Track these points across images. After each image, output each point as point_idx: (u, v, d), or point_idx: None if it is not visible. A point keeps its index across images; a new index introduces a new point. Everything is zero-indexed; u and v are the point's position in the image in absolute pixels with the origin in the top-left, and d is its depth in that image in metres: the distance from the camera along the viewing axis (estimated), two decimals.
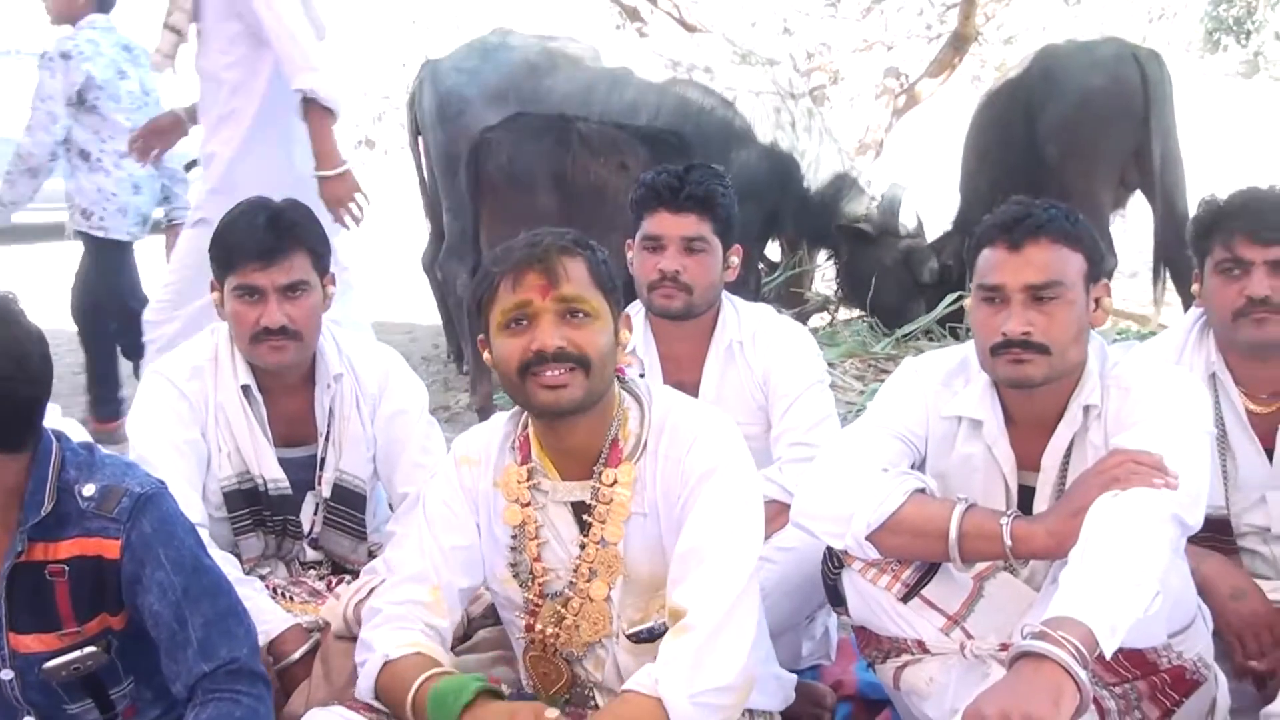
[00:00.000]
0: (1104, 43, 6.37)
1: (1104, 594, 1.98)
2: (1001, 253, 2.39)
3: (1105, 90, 6.00)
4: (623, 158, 5.42)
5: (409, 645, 2.27)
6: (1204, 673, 2.40)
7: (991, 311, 2.40)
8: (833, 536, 2.39)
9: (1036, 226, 2.37)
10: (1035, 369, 2.37)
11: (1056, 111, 6.06)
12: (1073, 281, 2.39)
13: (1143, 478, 2.18)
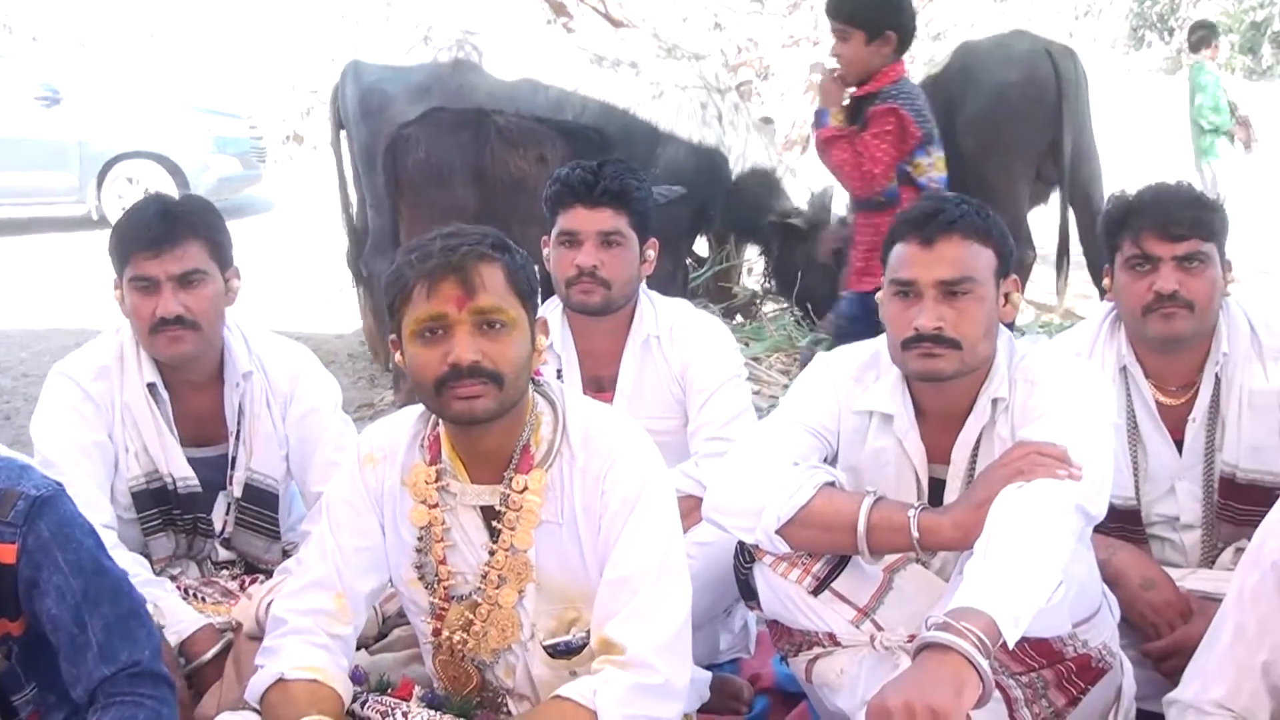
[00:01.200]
0: (1019, 39, 6.42)
1: (1007, 584, 1.99)
2: (914, 248, 2.41)
3: (1020, 86, 6.06)
4: (541, 151, 5.42)
5: (309, 669, 2.25)
6: (1109, 661, 2.43)
7: (904, 306, 2.41)
8: (743, 531, 2.40)
9: (948, 223, 2.39)
10: (946, 363, 2.39)
11: (974, 107, 6.10)
12: (983, 277, 2.41)
13: (1047, 469, 2.21)
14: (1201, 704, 2.08)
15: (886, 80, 4.50)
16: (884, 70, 4.51)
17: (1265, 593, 2.02)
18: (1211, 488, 2.89)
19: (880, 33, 4.45)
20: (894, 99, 4.45)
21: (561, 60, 6.62)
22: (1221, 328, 2.85)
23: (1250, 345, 2.85)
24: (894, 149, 4.46)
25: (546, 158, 5.32)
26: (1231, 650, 2.06)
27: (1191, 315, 2.75)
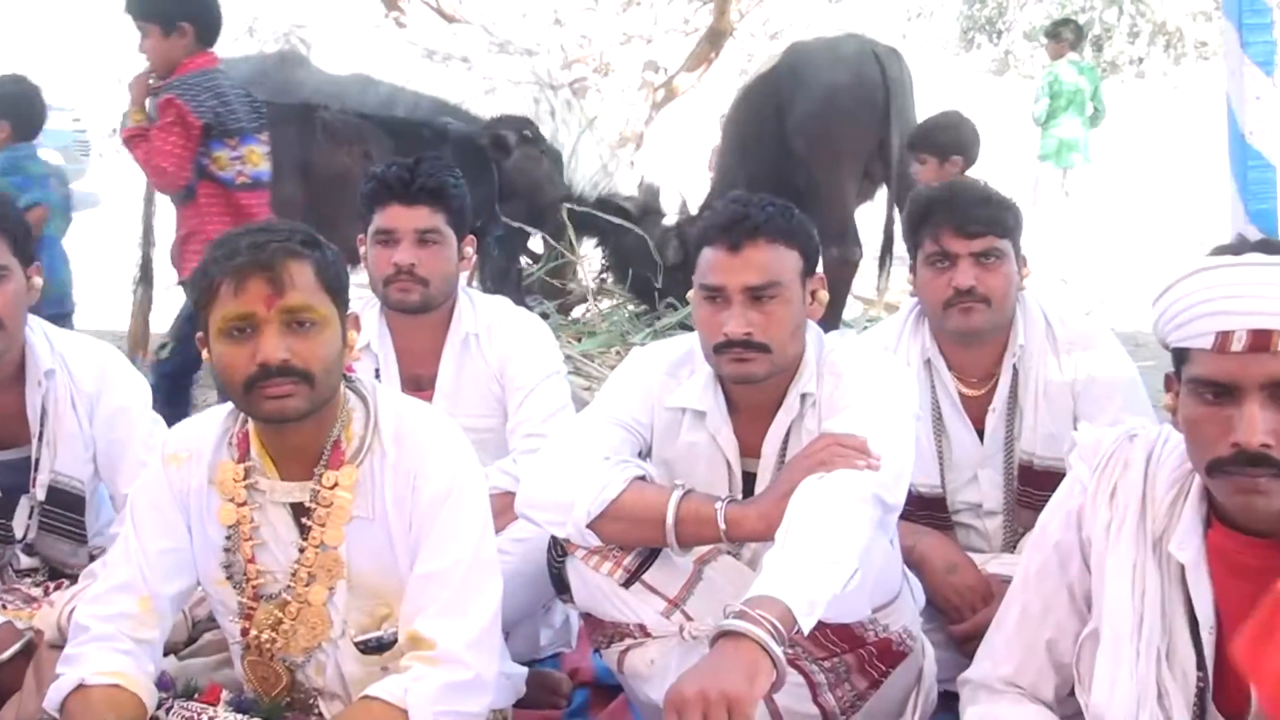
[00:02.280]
0: (846, 40, 6.56)
1: (803, 572, 2.05)
2: (721, 254, 2.43)
3: (848, 87, 6.19)
4: (366, 147, 5.37)
5: (111, 674, 2.19)
6: (910, 644, 2.52)
7: (713, 310, 2.45)
8: (555, 525, 2.42)
9: (754, 228, 2.42)
10: (757, 366, 2.43)
11: (804, 108, 6.23)
12: (790, 280, 2.45)
13: (847, 460, 2.27)
14: (991, 682, 2.15)
15: (183, 72, 4.41)
16: (186, 62, 4.41)
17: (1048, 573, 2.10)
18: (1011, 475, 3.01)
19: (174, 25, 4.38)
20: (173, 90, 4.33)
21: (392, 56, 6.57)
22: (1018, 321, 2.98)
23: (1045, 338, 2.98)
24: (181, 141, 4.32)
25: (371, 154, 5.28)
26: (1018, 629, 2.13)
27: (988, 310, 2.87)
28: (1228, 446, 1.77)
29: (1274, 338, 1.73)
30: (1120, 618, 1.97)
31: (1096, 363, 2.95)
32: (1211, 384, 1.79)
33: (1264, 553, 1.86)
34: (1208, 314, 1.78)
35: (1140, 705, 1.94)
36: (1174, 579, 1.95)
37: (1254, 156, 3.11)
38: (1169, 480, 1.97)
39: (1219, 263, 1.81)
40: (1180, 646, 1.96)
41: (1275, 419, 1.75)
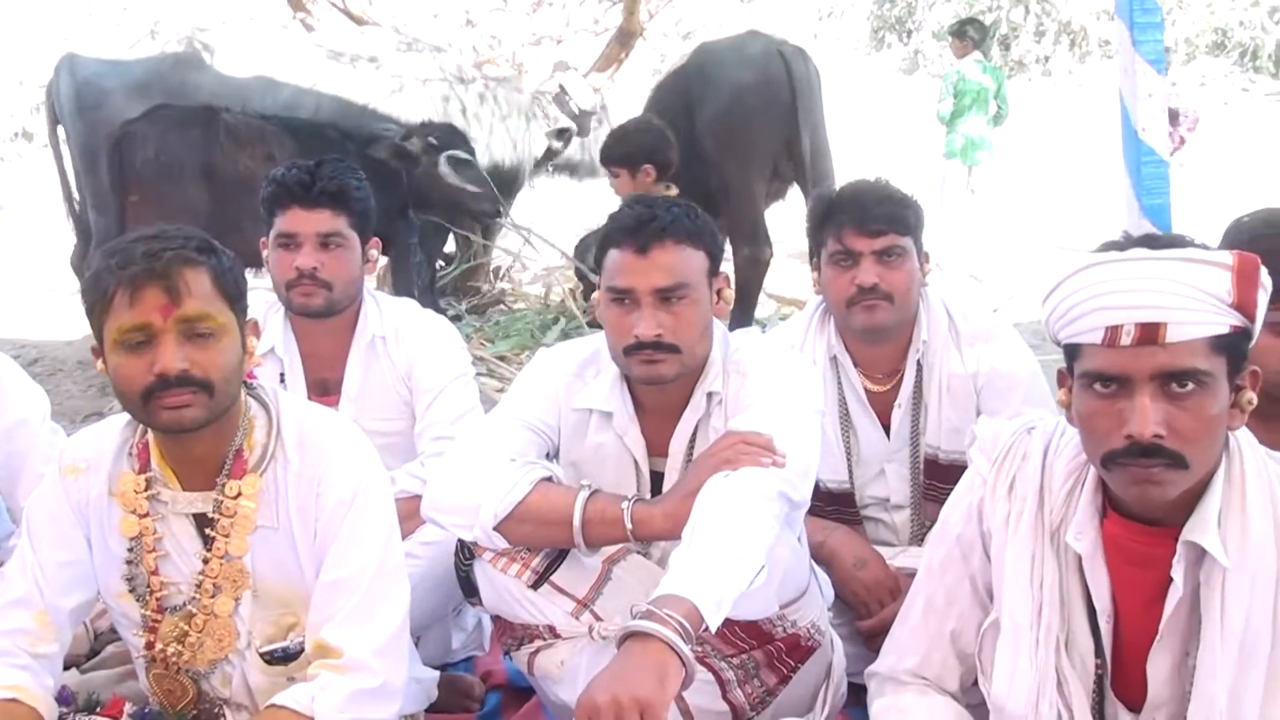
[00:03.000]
0: (752, 40, 6.52)
1: (709, 571, 2.06)
2: (629, 256, 2.44)
3: (755, 86, 6.18)
4: (270, 149, 5.32)
5: (8, 689, 2.15)
6: (818, 639, 2.54)
7: (622, 312, 2.45)
8: (461, 528, 2.40)
9: (661, 229, 2.42)
10: (668, 368, 2.44)
11: (712, 108, 6.21)
12: (697, 280, 2.46)
13: (752, 458, 2.28)
14: (898, 674, 2.18)
15: None
16: None
17: (951, 565, 2.13)
18: (918, 469, 3.05)
19: None
20: None
21: (297, 57, 6.49)
22: (921, 317, 3.02)
23: (948, 333, 3.02)
24: None
25: (274, 156, 5.22)
26: (923, 621, 2.16)
27: (891, 307, 2.90)
28: (1121, 439, 1.79)
29: (1162, 330, 1.76)
30: (1019, 608, 2.00)
31: (998, 357, 2.99)
32: (1103, 378, 1.81)
33: (1157, 540, 1.90)
34: (1096, 309, 1.80)
35: (1040, 693, 1.98)
36: (1072, 568, 1.98)
37: (1147, 152, 3.18)
38: (1065, 471, 2.00)
39: (1105, 259, 1.83)
40: (1079, 635, 1.99)
41: (1166, 410, 1.78)
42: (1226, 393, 1.82)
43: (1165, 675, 1.93)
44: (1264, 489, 1.87)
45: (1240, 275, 1.78)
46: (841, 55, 22.37)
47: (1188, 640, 1.91)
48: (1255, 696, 1.86)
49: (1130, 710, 1.99)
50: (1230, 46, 23.81)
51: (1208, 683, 1.86)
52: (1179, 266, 1.78)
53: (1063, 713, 1.98)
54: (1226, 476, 1.87)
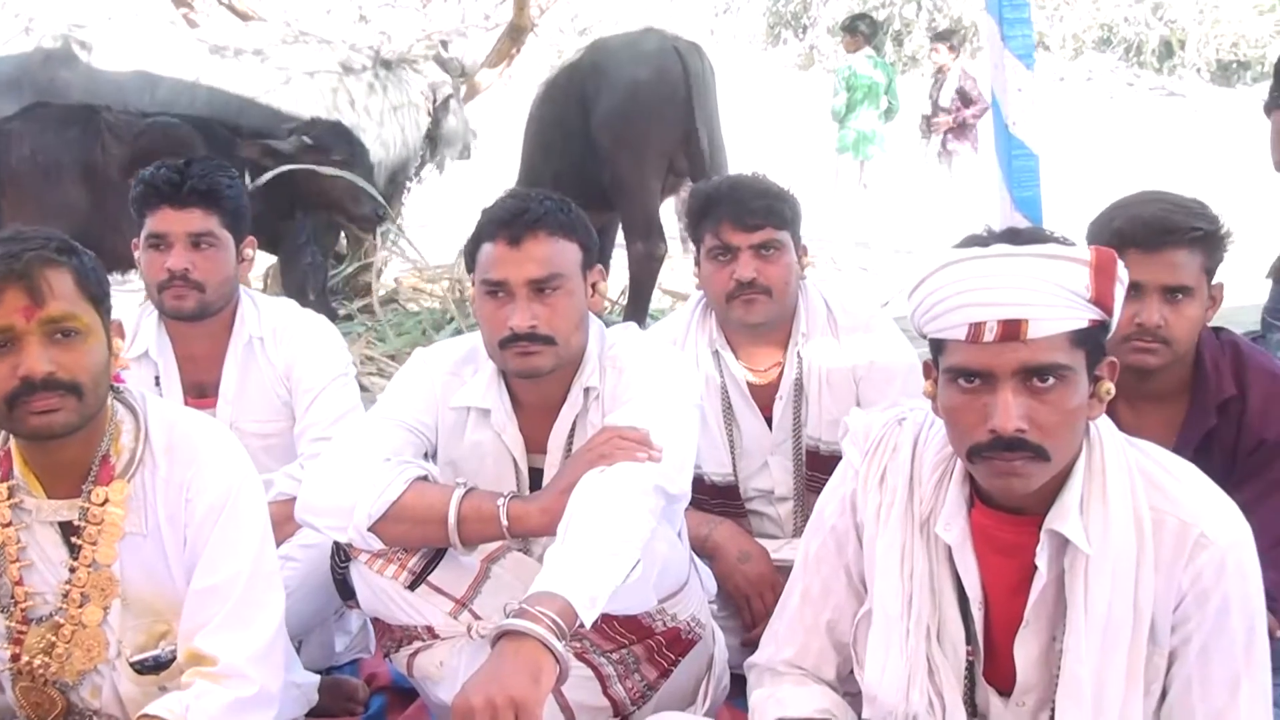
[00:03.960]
0: (647, 36, 6.54)
1: (583, 567, 2.05)
2: (502, 248, 2.42)
3: (650, 83, 6.19)
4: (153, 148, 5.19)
5: None
6: (699, 632, 2.55)
7: (497, 305, 2.43)
8: (335, 530, 2.38)
9: (534, 221, 2.42)
10: (543, 359, 2.43)
11: (607, 104, 6.22)
12: (572, 271, 2.46)
13: (627, 452, 2.29)
14: (775, 664, 2.19)
15: None
16: None
17: (826, 556, 2.15)
18: (800, 461, 3.08)
19: None
20: None
21: (179, 52, 6.36)
22: (801, 310, 3.05)
23: (827, 325, 3.06)
24: None
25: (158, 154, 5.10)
26: (800, 612, 2.17)
27: (770, 300, 2.93)
28: (985, 433, 1.81)
29: (1023, 327, 1.79)
30: (890, 597, 2.03)
31: (876, 349, 3.03)
32: (967, 373, 1.83)
33: (1022, 529, 1.93)
34: (959, 306, 1.82)
35: (911, 682, 2.00)
36: (942, 558, 2.01)
37: (1017, 146, 3.24)
38: (934, 462, 2.02)
39: (967, 255, 1.85)
40: (950, 623, 2.02)
41: (1028, 404, 1.80)
42: (1086, 385, 1.85)
43: (1033, 660, 1.97)
44: (1123, 477, 1.91)
45: (1098, 270, 1.81)
46: (738, 51, 22.56)
47: (1054, 625, 1.94)
48: (1119, 678, 1.90)
49: (1001, 695, 2.02)
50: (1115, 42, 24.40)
51: (1074, 666, 1.90)
52: (1039, 263, 1.81)
53: (934, 700, 2.01)
54: (1087, 466, 1.91)
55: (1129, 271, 2.39)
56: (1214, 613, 1.87)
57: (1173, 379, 2.56)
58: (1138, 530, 1.89)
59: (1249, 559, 1.89)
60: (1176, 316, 2.45)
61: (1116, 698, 1.89)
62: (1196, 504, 1.91)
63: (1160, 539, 1.88)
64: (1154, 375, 2.52)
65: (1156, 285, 2.44)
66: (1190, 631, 1.88)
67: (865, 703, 2.07)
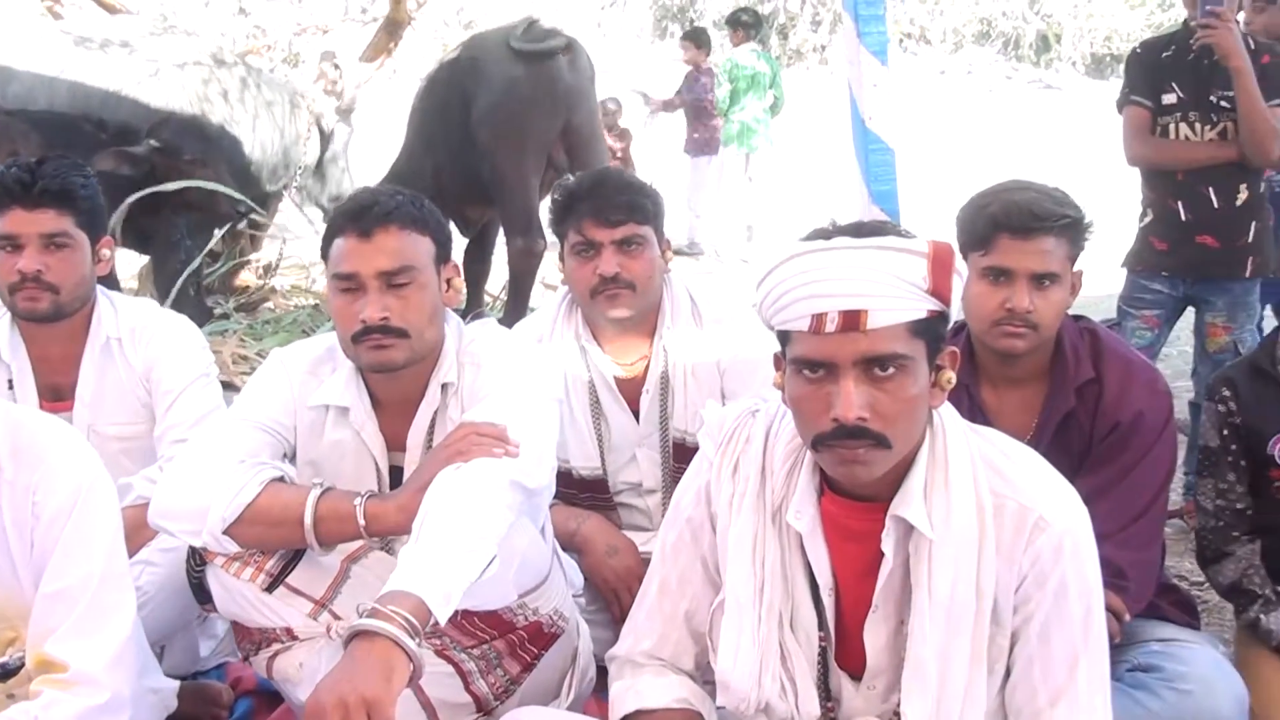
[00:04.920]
0: (525, 31, 6.53)
1: (437, 564, 2.05)
2: (353, 241, 2.42)
3: (528, 78, 6.18)
4: (14, 145, 5.06)
5: None
6: (562, 625, 2.56)
7: (349, 300, 2.42)
8: (189, 534, 2.35)
9: (384, 214, 2.41)
10: (397, 353, 2.42)
11: (486, 100, 6.17)
12: (424, 265, 2.46)
13: (484, 448, 2.29)
14: (635, 656, 2.21)
15: None
16: None
17: (683, 547, 2.16)
18: (668, 453, 3.11)
19: None
20: None
21: (39, 46, 6.18)
22: (665, 303, 3.07)
23: (692, 318, 3.09)
24: None
25: (19, 153, 4.97)
26: (658, 603, 2.19)
27: (634, 295, 2.95)
28: (828, 421, 1.85)
29: (863, 317, 1.82)
30: (742, 585, 2.05)
31: (740, 341, 3.06)
32: (810, 363, 1.87)
33: (869, 516, 1.97)
34: (803, 297, 1.85)
35: (763, 667, 2.03)
36: (793, 546, 2.04)
37: (874, 141, 3.30)
38: (785, 453, 2.05)
39: (810, 248, 1.88)
40: (803, 609, 2.05)
41: (869, 393, 1.83)
42: (926, 374, 1.89)
43: (882, 644, 2.01)
44: (966, 464, 1.95)
45: (935, 262, 1.85)
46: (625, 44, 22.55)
47: (902, 610, 1.98)
48: (963, 659, 1.94)
49: (853, 679, 2.06)
50: (994, 36, 24.90)
51: (919, 649, 1.94)
52: (878, 255, 1.84)
53: (786, 685, 2.04)
54: (930, 453, 1.95)
55: (999, 257, 2.51)
56: (1053, 593, 1.92)
57: (1034, 363, 2.63)
58: (979, 514, 1.93)
59: (1085, 542, 1.95)
60: (1044, 302, 2.52)
61: (961, 678, 1.94)
62: (1035, 489, 1.96)
63: (1001, 523, 1.93)
64: (1017, 359, 2.60)
65: (1026, 271, 2.51)
66: (1031, 612, 1.93)
67: (719, 690, 2.09)
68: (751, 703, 2.04)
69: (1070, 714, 1.93)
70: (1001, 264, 2.51)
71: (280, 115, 6.91)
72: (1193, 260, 4.08)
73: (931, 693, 1.93)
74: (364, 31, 8.59)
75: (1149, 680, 2.44)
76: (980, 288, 2.54)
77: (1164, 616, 2.65)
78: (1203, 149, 4.00)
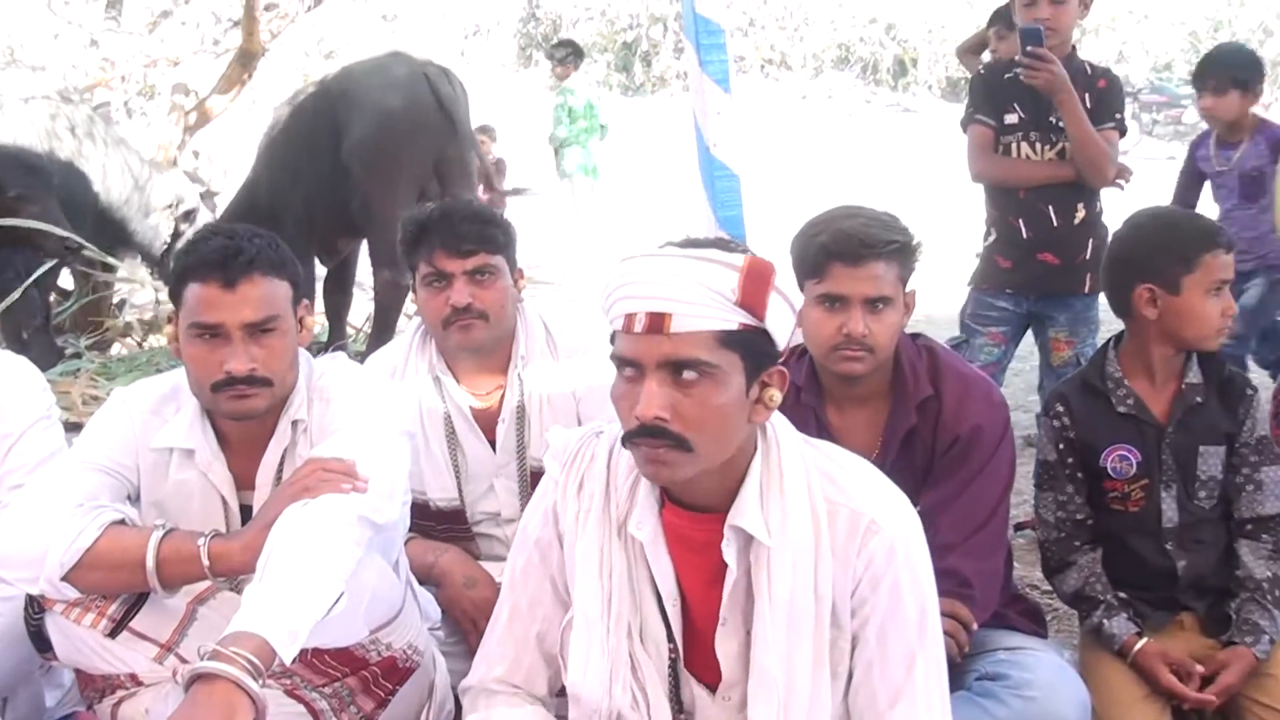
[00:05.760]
0: (396, 63, 6.41)
1: (281, 602, 2.02)
2: (215, 290, 2.37)
3: (401, 111, 6.10)
4: None
5: None
6: (416, 659, 2.54)
7: (209, 348, 2.38)
8: (27, 582, 2.29)
9: (249, 263, 2.38)
10: (259, 401, 2.41)
11: (358, 132, 6.09)
12: (286, 311, 2.44)
13: (331, 484, 2.27)
14: (487, 683, 2.21)
15: None
16: None
17: (532, 570, 2.18)
18: (525, 482, 3.10)
19: None
20: None
21: None
22: (520, 333, 3.08)
23: (546, 346, 3.10)
24: None
25: None
26: (509, 628, 2.20)
27: (487, 325, 2.96)
28: (634, 420, 1.92)
29: (667, 320, 1.88)
30: (590, 598, 2.08)
31: (595, 369, 3.07)
32: (624, 362, 1.95)
33: (709, 527, 2.01)
34: (621, 298, 1.93)
35: (613, 678, 2.06)
36: (639, 558, 2.07)
37: (719, 167, 3.35)
38: (628, 467, 2.09)
39: (636, 254, 1.97)
40: (651, 621, 2.08)
41: (671, 395, 1.89)
42: (740, 387, 1.93)
43: (734, 655, 2.05)
44: (800, 473, 2.02)
45: (748, 277, 1.90)
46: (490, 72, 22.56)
47: (749, 620, 2.02)
48: (806, 664, 1.99)
49: (708, 690, 2.10)
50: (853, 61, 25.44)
51: (763, 656, 1.99)
52: (690, 263, 1.92)
53: (638, 696, 2.07)
54: (764, 463, 2.01)
55: (833, 284, 2.56)
56: (887, 595, 1.99)
57: (875, 383, 2.69)
58: (814, 521, 2.00)
59: (917, 544, 2.02)
60: (879, 325, 2.58)
61: (805, 683, 1.99)
62: (866, 495, 2.03)
63: (835, 528, 1.99)
64: (858, 381, 2.65)
65: (859, 296, 2.56)
66: (868, 614, 2.00)
67: (570, 704, 2.11)
68: (603, 713, 2.06)
69: (909, 713, 2.00)
70: (835, 291, 2.57)
71: (129, 155, 6.75)
72: (1035, 277, 4.20)
73: (777, 699, 1.98)
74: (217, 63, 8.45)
75: (995, 688, 2.49)
76: (817, 314, 2.60)
77: (1012, 625, 2.72)
78: (1042, 168, 4.13)
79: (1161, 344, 2.78)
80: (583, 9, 25.16)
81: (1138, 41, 26.41)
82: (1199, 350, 2.80)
